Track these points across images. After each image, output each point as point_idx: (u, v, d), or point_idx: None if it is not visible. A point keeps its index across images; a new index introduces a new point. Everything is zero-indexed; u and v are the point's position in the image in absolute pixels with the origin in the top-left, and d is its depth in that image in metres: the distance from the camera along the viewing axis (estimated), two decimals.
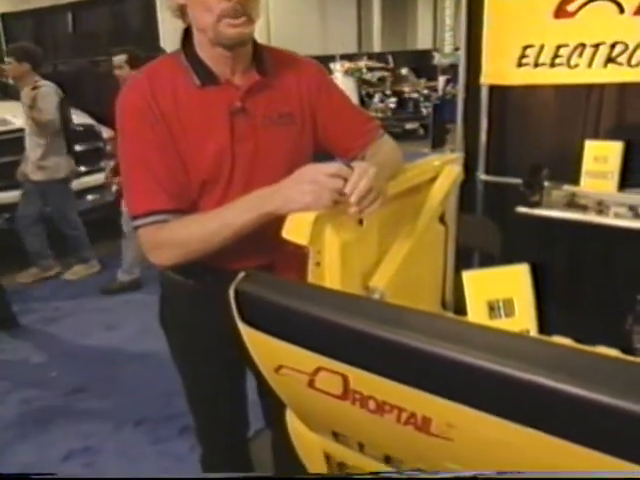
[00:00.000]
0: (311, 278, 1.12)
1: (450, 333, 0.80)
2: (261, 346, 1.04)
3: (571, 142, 2.03)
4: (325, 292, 1.05)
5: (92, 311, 4.07)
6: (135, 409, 2.85)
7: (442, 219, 1.62)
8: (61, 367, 3.32)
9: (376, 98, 12.18)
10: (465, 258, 1.83)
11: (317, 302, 0.93)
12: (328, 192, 1.06)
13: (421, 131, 11.43)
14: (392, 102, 11.97)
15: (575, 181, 2.03)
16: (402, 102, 11.93)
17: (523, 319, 1.42)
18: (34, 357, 3.45)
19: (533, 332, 1.42)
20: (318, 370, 0.93)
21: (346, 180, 1.07)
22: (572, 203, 2.05)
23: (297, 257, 1.16)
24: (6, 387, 3.11)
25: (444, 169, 1.46)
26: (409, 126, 11.47)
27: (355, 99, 10.30)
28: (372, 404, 0.90)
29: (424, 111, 11.53)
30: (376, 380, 0.85)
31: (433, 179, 1.45)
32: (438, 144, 8.34)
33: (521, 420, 0.72)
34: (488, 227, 2.01)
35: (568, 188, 2.04)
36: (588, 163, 1.99)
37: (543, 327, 1.48)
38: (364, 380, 0.87)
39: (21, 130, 4.35)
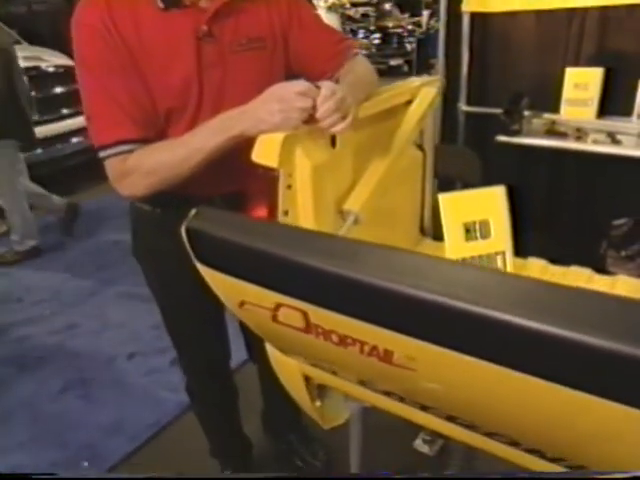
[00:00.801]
0: (282, 202, 1.10)
1: (406, 268, 0.78)
2: (220, 283, 1.01)
3: (552, 70, 2.01)
4: (279, 229, 1.02)
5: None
6: (126, 343, 2.91)
7: (420, 146, 1.61)
8: (53, 306, 3.37)
9: (360, 34, 11.89)
10: (445, 188, 1.83)
11: (271, 239, 0.89)
12: (297, 111, 1.04)
13: (405, 67, 11.20)
14: (376, 38, 11.70)
15: (556, 109, 2.02)
16: (386, 38, 11.66)
17: (499, 241, 1.43)
18: (27, 297, 3.50)
19: (509, 254, 1.44)
20: (278, 306, 0.91)
21: (315, 100, 1.05)
22: (552, 130, 2.04)
23: (269, 183, 1.13)
24: (3, 325, 3.17)
25: (420, 91, 1.44)
26: (393, 62, 11.24)
27: None
28: (335, 337, 0.88)
29: (408, 47, 11.29)
30: (335, 316, 0.83)
31: (409, 102, 1.43)
32: None
33: (479, 354, 0.71)
34: (468, 156, 2.00)
35: (548, 116, 2.03)
36: (568, 90, 1.97)
37: (519, 249, 1.50)
38: (323, 316, 0.86)
39: None
